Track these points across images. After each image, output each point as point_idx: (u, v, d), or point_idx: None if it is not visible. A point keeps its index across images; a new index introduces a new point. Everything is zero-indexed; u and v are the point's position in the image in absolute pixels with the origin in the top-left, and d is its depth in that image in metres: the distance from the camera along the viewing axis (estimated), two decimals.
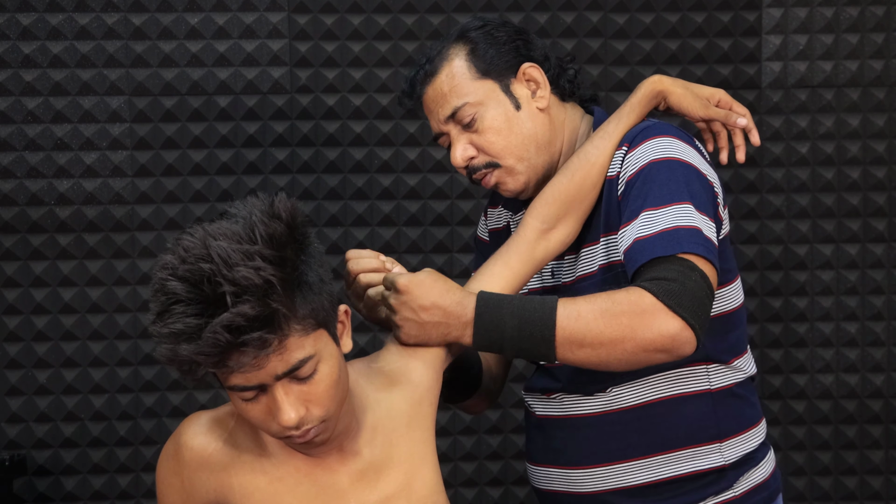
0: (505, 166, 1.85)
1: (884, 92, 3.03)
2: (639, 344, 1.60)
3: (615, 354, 1.61)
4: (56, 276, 2.94)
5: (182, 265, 1.35)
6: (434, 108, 1.88)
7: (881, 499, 3.04)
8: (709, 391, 1.79)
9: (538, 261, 1.79)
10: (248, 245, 1.35)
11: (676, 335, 1.59)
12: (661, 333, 1.59)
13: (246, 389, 1.40)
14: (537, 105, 1.86)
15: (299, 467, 1.52)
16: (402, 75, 2.98)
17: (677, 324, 1.59)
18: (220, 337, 1.32)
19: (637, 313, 1.60)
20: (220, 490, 1.51)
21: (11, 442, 2.95)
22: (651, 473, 1.78)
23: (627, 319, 1.60)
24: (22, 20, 2.92)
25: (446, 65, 1.85)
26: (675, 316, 1.59)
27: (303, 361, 1.39)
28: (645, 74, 3.00)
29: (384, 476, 1.55)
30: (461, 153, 1.86)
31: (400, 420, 1.58)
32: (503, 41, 1.86)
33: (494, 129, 1.84)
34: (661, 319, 1.59)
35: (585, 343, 1.61)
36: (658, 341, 1.59)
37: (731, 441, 1.80)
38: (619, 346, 1.60)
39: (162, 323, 1.35)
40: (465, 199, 3.02)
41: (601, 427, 1.80)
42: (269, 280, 1.34)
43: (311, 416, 1.43)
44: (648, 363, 1.63)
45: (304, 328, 1.39)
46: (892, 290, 3.05)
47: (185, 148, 2.96)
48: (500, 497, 3.04)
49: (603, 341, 1.60)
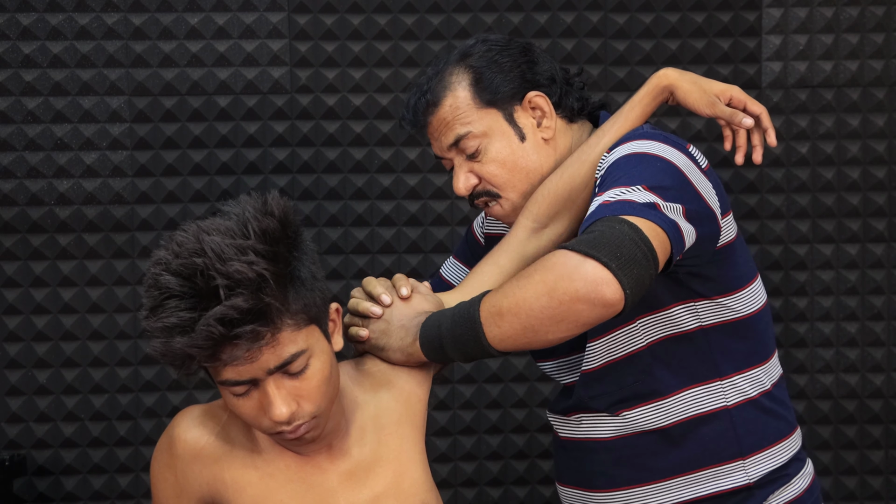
0: (507, 199, 1.83)
1: (884, 92, 3.03)
2: (554, 296, 1.49)
3: (535, 314, 1.51)
4: (56, 276, 2.94)
5: (175, 260, 1.36)
6: (437, 136, 1.85)
7: (881, 499, 3.04)
8: (725, 408, 1.75)
9: (529, 259, 1.77)
10: (241, 240, 1.36)
11: (587, 276, 1.47)
12: (573, 277, 1.47)
13: (238, 384, 1.40)
14: (543, 136, 1.82)
15: (289, 465, 1.52)
16: (402, 75, 2.98)
17: (589, 265, 1.47)
18: (213, 329, 1.33)
19: (547, 266, 1.51)
20: (212, 483, 1.52)
21: (11, 442, 2.95)
22: (674, 495, 1.76)
23: (538, 274, 1.52)
24: (22, 20, 2.92)
25: (450, 94, 1.82)
26: (586, 258, 1.48)
27: (295, 356, 1.41)
28: (645, 75, 3.00)
29: (373, 475, 1.55)
30: (463, 182, 1.84)
31: (388, 419, 1.59)
32: (508, 68, 1.82)
33: (499, 161, 1.81)
34: (571, 265, 1.48)
35: (504, 310, 1.54)
36: (572, 288, 1.48)
37: (756, 458, 1.75)
38: (536, 304, 1.51)
39: (155, 317, 1.36)
40: (464, 199, 3.02)
41: (620, 450, 1.78)
42: (262, 274, 1.35)
43: (303, 412, 1.43)
44: (577, 319, 1.51)
45: (296, 323, 1.40)
46: (892, 290, 3.05)
47: (185, 148, 2.96)
48: (500, 497, 3.04)
49: (519, 303, 1.52)
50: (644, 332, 1.74)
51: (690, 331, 1.74)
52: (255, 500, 1.50)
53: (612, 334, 1.75)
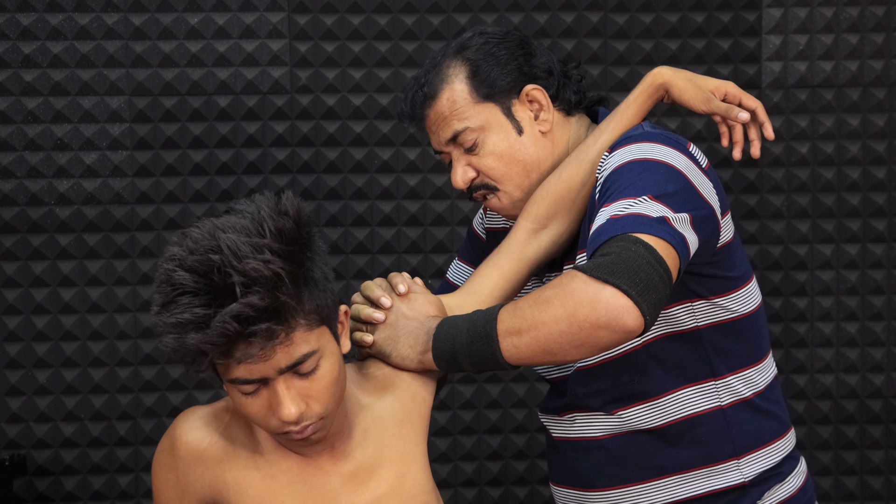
0: (505, 192, 1.83)
1: (884, 92, 3.03)
2: (574, 322, 1.50)
3: (554, 338, 1.53)
4: (56, 276, 2.94)
5: (190, 256, 1.36)
6: (435, 130, 1.85)
7: (881, 499, 3.04)
8: (720, 408, 1.75)
9: (530, 260, 1.77)
10: (257, 238, 1.37)
11: (609, 305, 1.48)
12: (594, 306, 1.48)
13: (248, 383, 1.40)
14: (540, 129, 1.83)
15: (292, 467, 1.52)
16: (402, 75, 2.98)
17: (608, 292, 1.48)
18: (228, 326, 1.33)
19: (567, 292, 1.52)
20: (214, 485, 1.52)
21: (11, 442, 2.95)
22: (668, 494, 1.75)
23: (558, 300, 1.52)
24: (22, 20, 2.92)
25: (447, 87, 1.82)
26: (606, 285, 1.48)
27: (306, 356, 1.41)
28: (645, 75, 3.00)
29: (375, 477, 1.55)
30: (461, 176, 1.84)
31: (391, 421, 1.59)
32: (504, 60, 1.82)
33: (496, 154, 1.81)
34: (591, 292, 1.49)
35: (522, 330, 1.55)
36: (593, 316, 1.49)
37: (750, 457, 1.75)
38: (556, 328, 1.52)
39: (168, 313, 1.36)
40: (464, 199, 3.02)
41: (614, 449, 1.77)
42: (278, 273, 1.35)
43: (311, 412, 1.44)
44: (597, 344, 1.53)
45: (308, 323, 1.41)
46: (892, 290, 3.05)
47: (185, 148, 2.96)
48: (500, 497, 3.04)
49: (538, 325, 1.53)
50: None
51: (687, 330, 1.74)
52: (257, 501, 1.50)
53: None
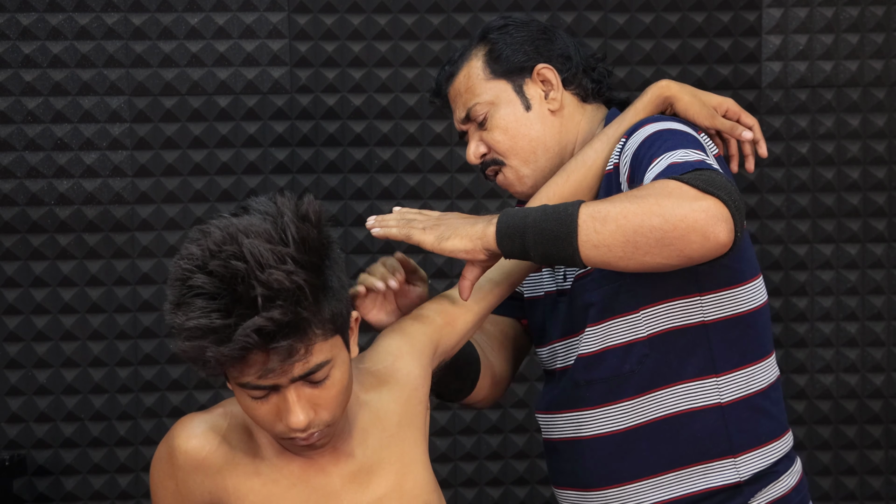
0: (511, 166, 1.88)
1: (884, 92, 3.03)
2: (669, 220, 1.47)
3: (644, 231, 1.48)
4: (56, 276, 2.94)
5: (213, 260, 1.33)
6: (454, 108, 1.93)
7: (881, 499, 3.04)
8: (719, 405, 1.74)
9: None
10: (280, 246, 1.34)
11: (708, 210, 1.47)
12: (693, 207, 1.47)
13: (258, 388, 1.39)
14: (549, 107, 1.88)
15: (293, 470, 1.51)
16: (402, 75, 2.98)
17: (710, 200, 1.47)
18: (250, 340, 1.31)
19: (665, 191, 1.49)
20: (214, 492, 1.50)
21: (11, 442, 2.95)
22: (664, 492, 1.75)
23: (654, 197, 1.49)
24: (22, 20, 2.92)
25: (465, 66, 1.90)
26: (706, 194, 1.48)
27: (320, 366, 1.40)
28: (645, 75, 3.00)
29: (376, 477, 1.55)
30: (473, 150, 1.90)
31: (391, 420, 1.58)
32: (521, 41, 1.89)
33: (502, 128, 1.87)
34: (692, 195, 1.48)
35: (609, 217, 1.50)
36: (692, 216, 1.47)
37: (746, 456, 1.75)
38: (647, 221, 1.48)
39: (184, 315, 1.33)
40: (464, 199, 3.02)
41: (609, 447, 1.77)
42: (301, 285, 1.33)
43: (319, 420, 1.43)
44: (684, 248, 1.48)
45: (324, 333, 1.40)
46: (892, 290, 3.05)
47: (185, 148, 2.96)
48: (500, 497, 3.04)
49: (629, 216, 1.49)
50: (646, 323, 1.74)
51: (692, 325, 1.74)
52: None
53: (615, 321, 1.76)
